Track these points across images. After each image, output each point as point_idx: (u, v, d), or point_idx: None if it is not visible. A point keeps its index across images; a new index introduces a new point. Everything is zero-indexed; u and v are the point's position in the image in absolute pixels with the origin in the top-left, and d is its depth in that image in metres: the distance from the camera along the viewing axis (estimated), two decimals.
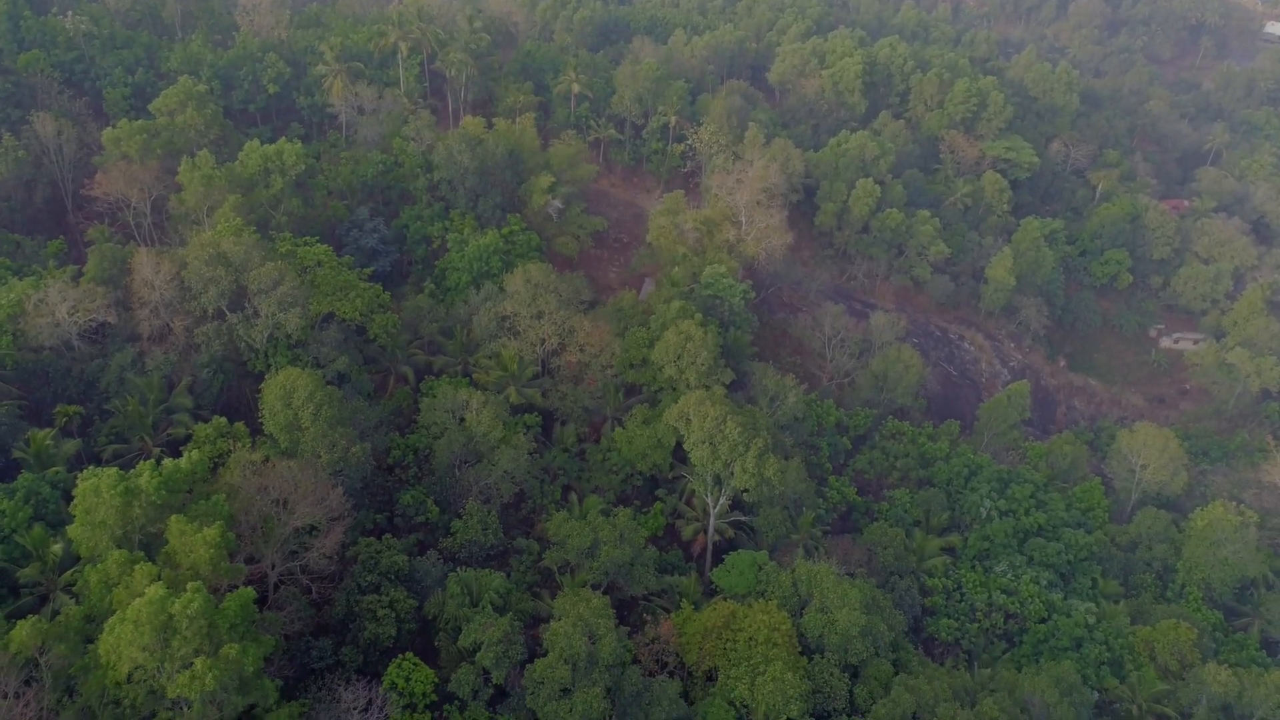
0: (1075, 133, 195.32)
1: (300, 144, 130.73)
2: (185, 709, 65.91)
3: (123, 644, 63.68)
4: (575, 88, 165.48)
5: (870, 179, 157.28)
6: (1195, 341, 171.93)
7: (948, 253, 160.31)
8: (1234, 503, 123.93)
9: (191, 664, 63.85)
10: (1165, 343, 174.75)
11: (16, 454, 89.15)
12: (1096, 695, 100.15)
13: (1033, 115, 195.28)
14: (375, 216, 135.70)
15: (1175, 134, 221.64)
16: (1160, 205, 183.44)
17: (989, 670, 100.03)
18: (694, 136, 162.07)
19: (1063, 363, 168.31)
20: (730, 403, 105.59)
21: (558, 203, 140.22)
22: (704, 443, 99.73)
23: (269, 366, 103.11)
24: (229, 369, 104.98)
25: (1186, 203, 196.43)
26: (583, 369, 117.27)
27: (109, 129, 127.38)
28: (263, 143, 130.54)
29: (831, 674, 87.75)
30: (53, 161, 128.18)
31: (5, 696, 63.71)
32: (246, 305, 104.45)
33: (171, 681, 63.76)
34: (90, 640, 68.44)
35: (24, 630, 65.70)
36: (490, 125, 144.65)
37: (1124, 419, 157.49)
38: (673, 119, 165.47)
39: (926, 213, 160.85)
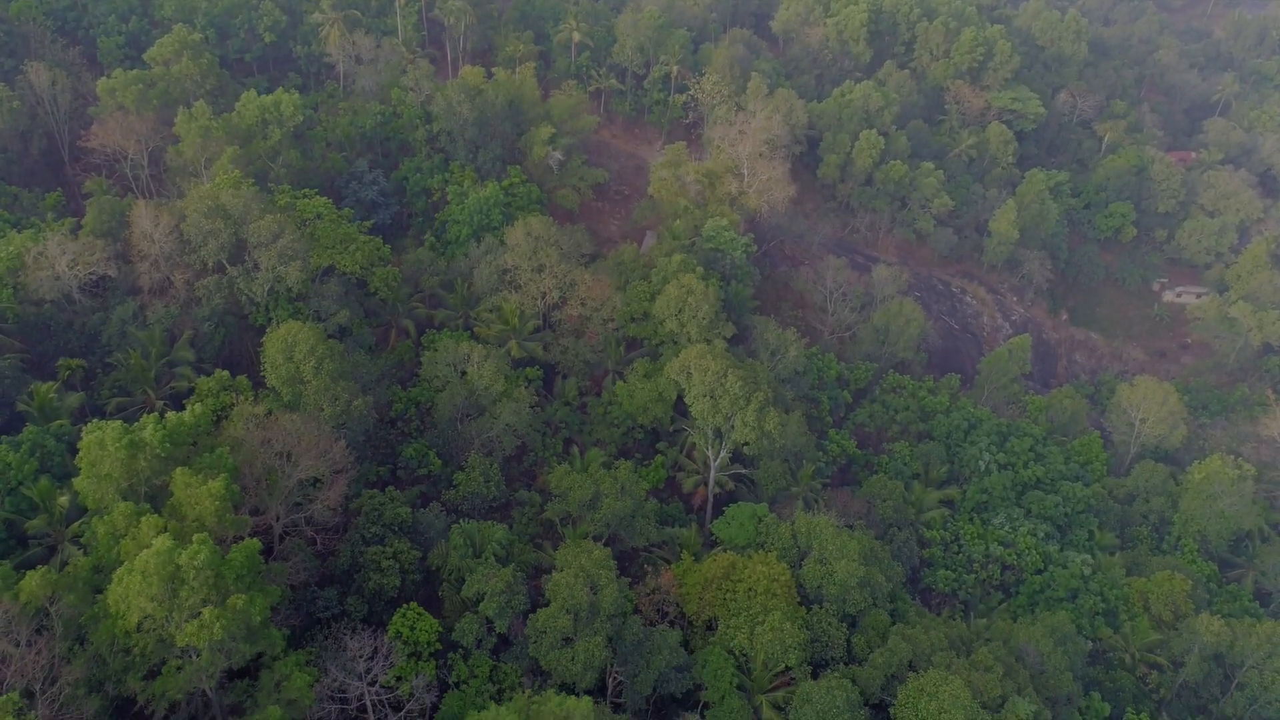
0: (1083, 83, 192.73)
1: (298, 94, 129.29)
2: (194, 657, 67.11)
3: (131, 594, 64.62)
4: (576, 36, 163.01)
5: (874, 130, 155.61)
6: (1198, 295, 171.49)
7: (951, 205, 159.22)
8: (1232, 456, 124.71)
9: (199, 614, 64.86)
10: (1168, 296, 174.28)
11: (20, 407, 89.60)
12: (1090, 645, 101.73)
13: (1040, 65, 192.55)
14: (374, 168, 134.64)
15: (1184, 84, 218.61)
16: (1166, 157, 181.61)
17: (985, 620, 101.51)
18: (696, 87, 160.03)
19: (1065, 316, 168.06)
20: (731, 356, 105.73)
21: (558, 154, 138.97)
22: (705, 396, 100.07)
23: (270, 320, 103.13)
24: (230, 322, 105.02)
25: (1194, 155, 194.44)
26: (584, 323, 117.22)
27: (104, 79, 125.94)
28: (260, 93, 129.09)
29: (829, 624, 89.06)
30: (48, 112, 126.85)
31: (18, 645, 64.81)
32: (246, 258, 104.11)
33: (180, 630, 64.80)
34: (99, 590, 69.44)
35: (34, 580, 66.63)
36: (490, 75, 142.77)
37: (1125, 373, 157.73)
38: (674, 69, 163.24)
39: (930, 165, 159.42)
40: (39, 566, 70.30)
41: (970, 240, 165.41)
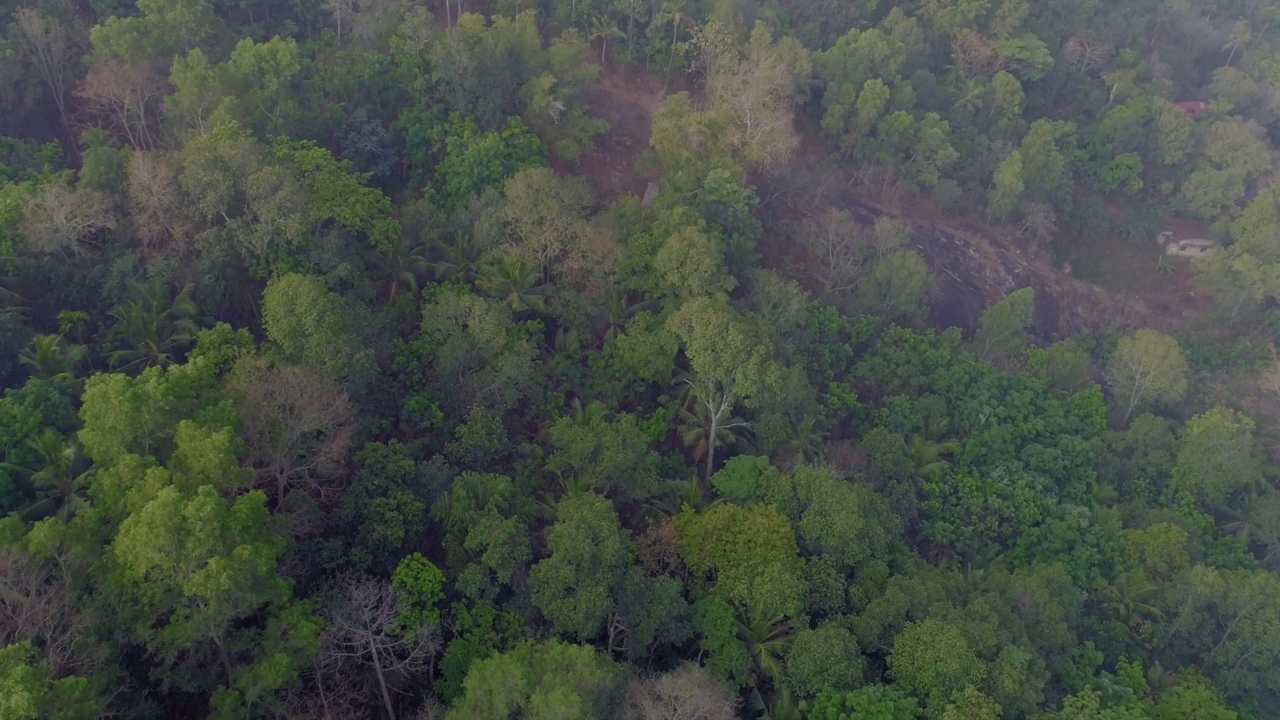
0: (1092, 31, 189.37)
1: (294, 43, 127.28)
2: (202, 606, 68.10)
3: (139, 545, 65.39)
4: None
5: (879, 80, 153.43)
6: (1202, 248, 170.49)
7: (956, 157, 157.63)
8: (1231, 410, 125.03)
9: (206, 564, 65.67)
10: (1172, 249, 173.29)
11: (23, 360, 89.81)
12: (1086, 595, 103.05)
13: (1048, 12, 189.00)
14: (373, 119, 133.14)
15: (1195, 32, 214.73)
16: (1175, 108, 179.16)
17: (982, 572, 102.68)
18: (699, 35, 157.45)
19: (1068, 269, 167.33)
20: (733, 310, 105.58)
21: (559, 104, 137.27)
22: (706, 350, 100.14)
23: (270, 273, 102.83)
24: (230, 275, 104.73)
25: (1202, 105, 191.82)
26: (585, 275, 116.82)
27: (97, 26, 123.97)
28: (256, 41, 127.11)
29: (828, 574, 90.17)
30: (42, 61, 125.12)
31: (28, 594, 65.75)
32: (246, 210, 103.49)
33: (187, 581, 65.66)
34: (107, 541, 70.29)
35: (42, 531, 67.37)
36: (489, 23, 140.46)
37: (1127, 326, 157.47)
38: (677, 16, 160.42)
39: (935, 115, 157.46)
40: (46, 518, 71.05)
41: (974, 192, 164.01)
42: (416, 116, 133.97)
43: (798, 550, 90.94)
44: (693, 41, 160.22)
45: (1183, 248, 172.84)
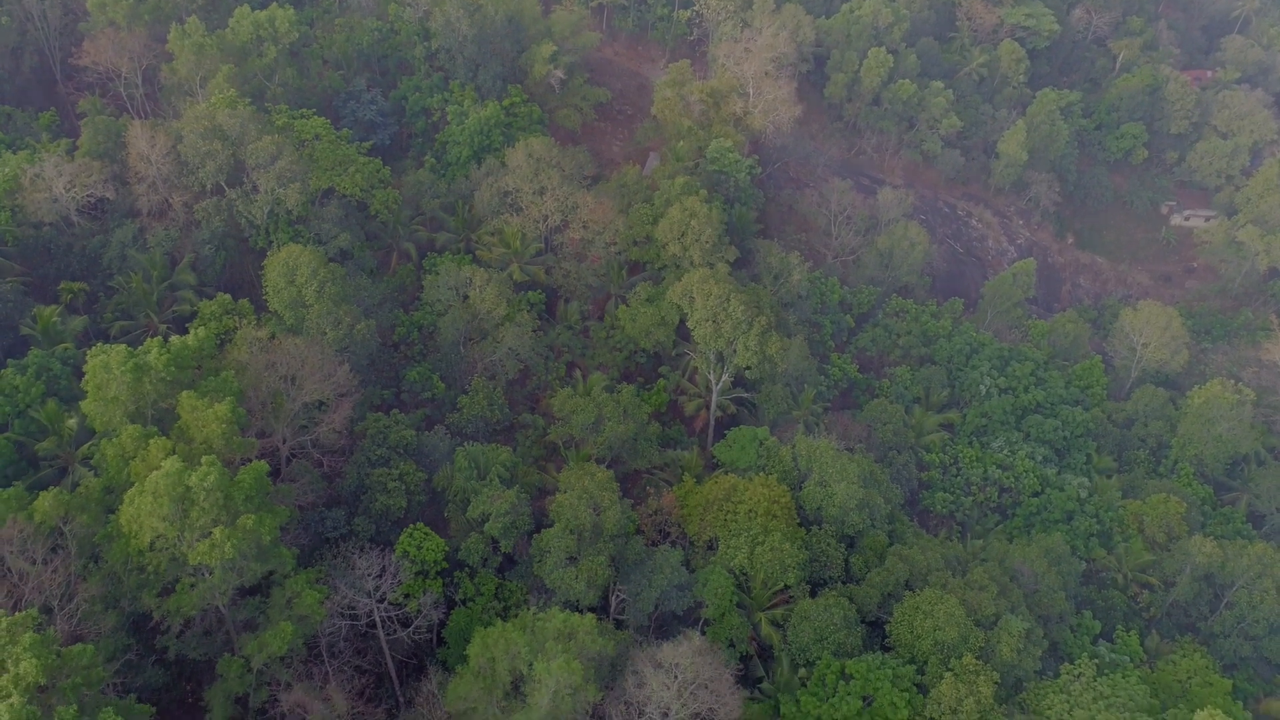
0: None
1: (292, 10, 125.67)
2: (206, 575, 68.66)
3: (143, 514, 65.82)
4: None
5: (883, 48, 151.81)
6: (1206, 219, 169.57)
7: (959, 126, 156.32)
8: (1232, 381, 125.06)
9: (210, 533, 66.13)
10: (1176, 220, 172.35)
11: (24, 330, 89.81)
12: (1084, 565, 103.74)
13: None
14: (372, 88, 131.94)
15: None
16: (1182, 76, 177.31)
17: (981, 541, 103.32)
18: (701, 2, 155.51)
19: (1070, 240, 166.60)
20: (734, 280, 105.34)
21: (559, 73, 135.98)
22: (707, 320, 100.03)
23: (270, 243, 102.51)
24: (230, 245, 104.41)
25: (1209, 73, 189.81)
26: (586, 246, 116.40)
27: None
28: (253, 8, 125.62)
29: (828, 544, 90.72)
30: (38, 29, 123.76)
31: (34, 563, 66.27)
32: (245, 180, 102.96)
33: (192, 550, 66.18)
34: (111, 511, 70.69)
35: (47, 501, 67.77)
36: None
37: (1129, 297, 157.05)
38: None
39: (940, 84, 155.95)
40: (51, 487, 71.45)
41: (978, 162, 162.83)
42: (416, 85, 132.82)
43: (798, 520, 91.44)
44: (695, 9, 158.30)
45: (1186, 218, 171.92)
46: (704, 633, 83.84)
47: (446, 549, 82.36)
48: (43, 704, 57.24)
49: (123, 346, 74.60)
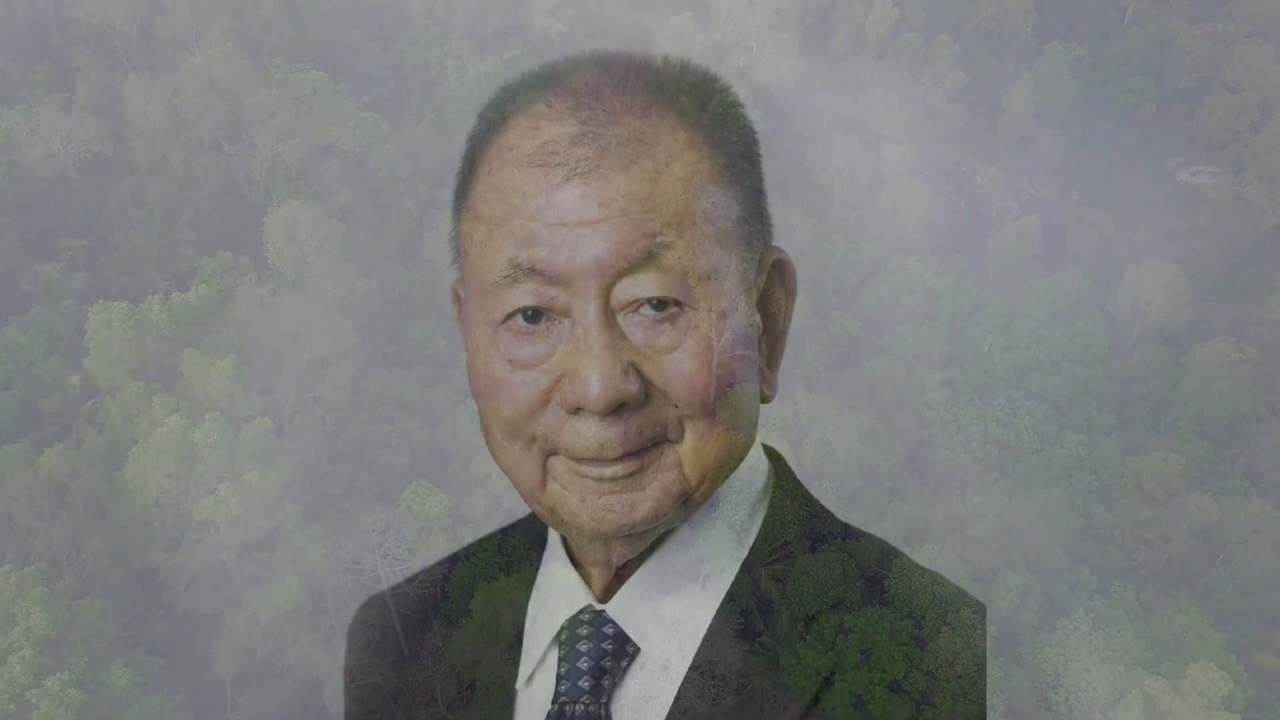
0: None
1: None
2: (213, 531, 69.40)
3: (148, 471, 66.42)
4: None
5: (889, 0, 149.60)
6: (1213, 175, 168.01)
7: (965, 80, 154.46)
8: (1234, 339, 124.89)
9: (215, 489, 66.75)
10: (1182, 176, 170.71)
11: (25, 288, 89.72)
12: (1082, 521, 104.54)
13: None
14: (371, 41, 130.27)
15: None
16: (1192, 30, 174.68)
17: (980, 498, 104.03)
18: None
19: (1076, 196, 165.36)
20: None
21: (561, 26, 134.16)
22: None
23: (270, 199, 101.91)
24: (230, 202, 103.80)
25: (1220, 26, 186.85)
26: None
27: None
28: None
29: (828, 501, 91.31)
30: None
31: (41, 519, 66.99)
32: (243, 136, 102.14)
33: (198, 506, 66.88)
34: (116, 468, 71.24)
35: (53, 458, 68.38)
36: None
37: (1133, 254, 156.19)
38: None
39: (946, 37, 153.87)
40: (56, 444, 71.97)
41: (984, 117, 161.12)
42: (415, 39, 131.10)
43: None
44: None
45: (1193, 174, 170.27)
46: (704, 587, 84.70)
47: (449, 505, 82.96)
48: (54, 656, 58.25)
49: (124, 303, 74.70)
